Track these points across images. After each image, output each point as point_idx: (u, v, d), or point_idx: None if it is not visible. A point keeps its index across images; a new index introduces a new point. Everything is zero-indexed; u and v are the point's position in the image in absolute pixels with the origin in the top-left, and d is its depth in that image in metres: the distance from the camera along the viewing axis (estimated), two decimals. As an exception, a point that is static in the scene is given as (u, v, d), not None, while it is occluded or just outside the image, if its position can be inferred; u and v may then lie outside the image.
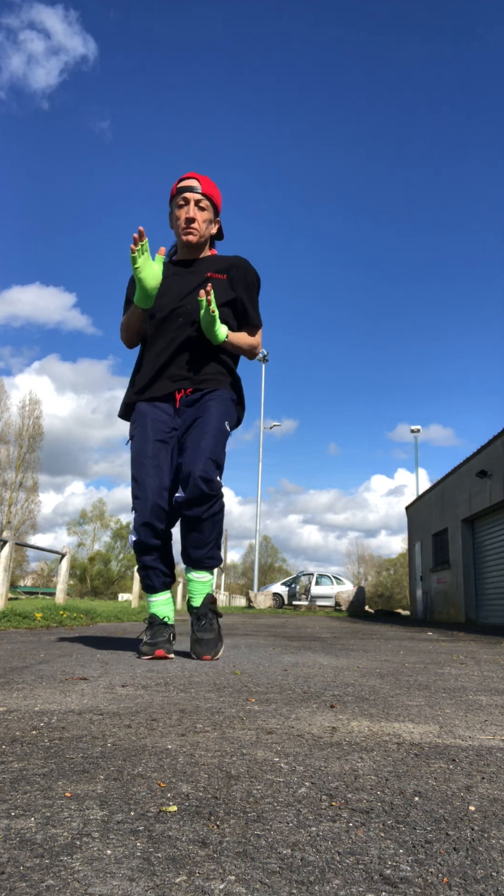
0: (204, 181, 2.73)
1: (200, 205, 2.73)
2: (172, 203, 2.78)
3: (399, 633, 6.77)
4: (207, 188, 2.73)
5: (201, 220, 2.73)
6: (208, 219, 2.77)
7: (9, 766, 0.96)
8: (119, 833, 0.71)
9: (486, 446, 14.08)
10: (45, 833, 0.71)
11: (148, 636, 2.60)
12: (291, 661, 2.72)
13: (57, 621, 5.42)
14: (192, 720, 1.32)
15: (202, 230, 2.74)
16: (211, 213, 2.77)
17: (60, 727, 1.22)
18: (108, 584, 69.35)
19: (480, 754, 1.13)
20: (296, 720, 1.36)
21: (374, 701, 1.67)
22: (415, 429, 29.43)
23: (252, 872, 0.63)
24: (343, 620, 12.38)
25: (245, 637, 4.69)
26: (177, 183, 2.76)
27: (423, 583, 19.37)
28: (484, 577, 14.69)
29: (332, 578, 25.18)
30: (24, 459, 45.73)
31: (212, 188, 2.76)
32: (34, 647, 2.97)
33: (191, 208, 2.71)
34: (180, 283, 2.73)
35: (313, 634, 5.61)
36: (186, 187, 2.72)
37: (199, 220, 2.72)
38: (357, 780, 0.95)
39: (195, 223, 2.71)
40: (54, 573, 59.35)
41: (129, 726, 1.24)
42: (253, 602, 23.37)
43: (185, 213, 2.70)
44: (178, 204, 2.73)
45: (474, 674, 2.49)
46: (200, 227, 2.73)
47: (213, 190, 2.76)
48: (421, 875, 0.64)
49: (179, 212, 2.73)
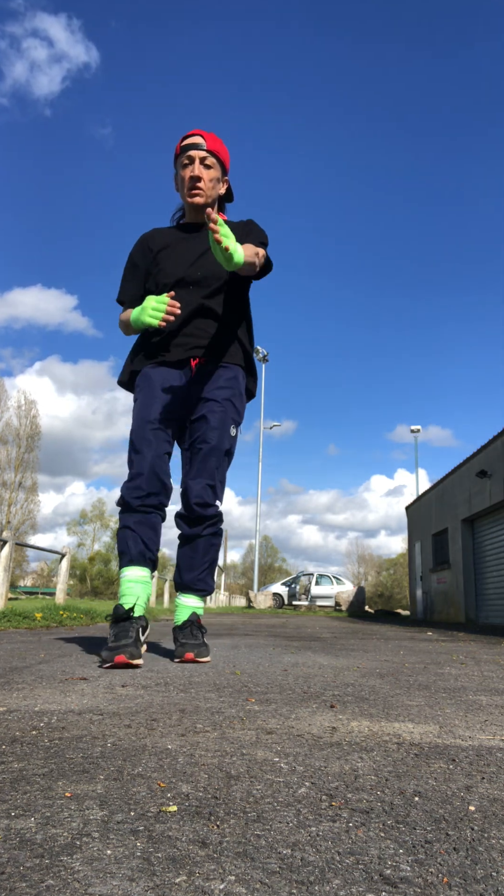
0: (209, 137, 2.54)
1: (206, 162, 2.53)
2: (177, 163, 2.59)
3: (399, 633, 6.77)
4: (213, 144, 2.54)
5: (207, 179, 2.54)
6: (215, 177, 2.58)
7: (9, 766, 0.96)
8: (119, 833, 0.71)
9: (486, 446, 14.07)
10: (45, 833, 0.71)
11: (110, 636, 2.24)
12: (291, 661, 2.72)
13: (57, 621, 5.42)
14: (192, 720, 1.32)
15: (208, 190, 2.56)
16: (218, 171, 2.58)
17: (60, 727, 1.22)
18: (108, 584, 69.32)
19: (480, 754, 1.13)
20: (296, 720, 1.36)
21: (374, 701, 1.67)
22: (415, 429, 29.44)
23: (252, 872, 0.63)
24: (343, 620, 12.38)
25: (245, 637, 4.69)
26: (180, 141, 2.57)
27: (423, 583, 19.36)
28: (484, 577, 14.69)
29: (332, 578, 25.18)
30: (22, 459, 45.76)
31: (218, 144, 2.57)
32: (34, 647, 2.97)
33: (196, 167, 2.51)
34: (188, 248, 2.59)
35: (313, 634, 5.61)
36: (191, 145, 2.52)
37: (206, 178, 2.53)
38: (357, 780, 0.95)
39: (201, 182, 2.52)
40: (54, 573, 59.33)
41: (129, 726, 1.24)
42: (253, 602, 23.37)
43: (190, 171, 2.52)
44: (183, 163, 2.54)
45: (474, 674, 2.49)
46: (206, 187, 2.54)
47: (219, 146, 2.57)
48: (421, 875, 0.64)
49: (184, 171, 2.54)
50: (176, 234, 2.65)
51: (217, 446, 2.50)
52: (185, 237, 2.63)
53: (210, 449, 2.49)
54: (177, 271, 2.54)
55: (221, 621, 8.83)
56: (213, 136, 2.59)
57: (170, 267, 2.57)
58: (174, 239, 2.63)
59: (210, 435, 2.50)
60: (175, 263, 2.56)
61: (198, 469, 2.49)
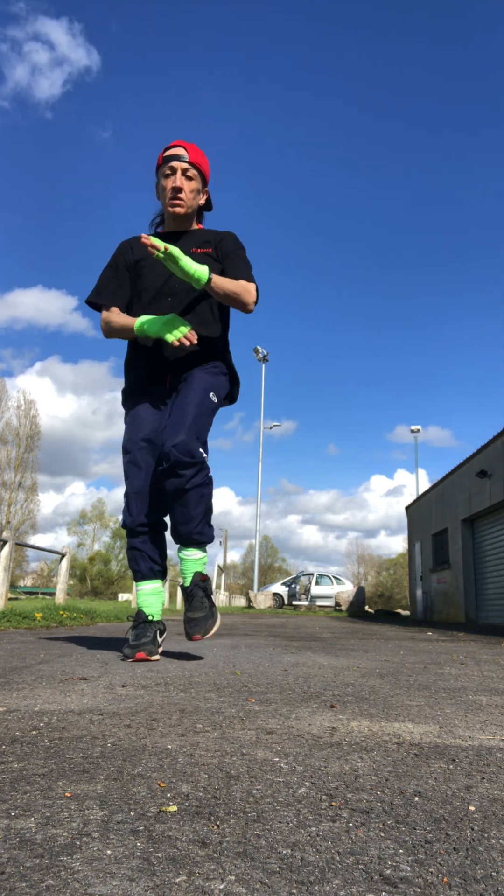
0: (191, 149, 2.64)
1: (188, 174, 2.63)
2: (159, 172, 2.68)
3: (399, 633, 6.77)
4: (195, 157, 2.63)
5: (188, 190, 2.63)
6: (196, 188, 2.67)
7: (9, 766, 0.96)
8: (119, 833, 0.71)
9: (486, 446, 14.07)
10: (45, 833, 0.71)
11: (131, 636, 2.50)
12: (291, 661, 2.72)
13: (57, 621, 5.42)
14: (192, 720, 1.32)
15: (189, 200, 2.65)
16: (199, 182, 2.68)
17: (60, 727, 1.22)
18: (108, 584, 69.35)
19: (480, 754, 1.13)
20: (296, 720, 1.36)
21: (374, 701, 1.67)
22: (415, 429, 29.44)
23: (252, 872, 0.63)
24: (343, 620, 12.38)
25: (245, 637, 4.69)
26: (163, 152, 2.66)
27: (423, 583, 19.37)
28: (484, 577, 14.69)
29: (332, 578, 25.17)
30: (22, 459, 45.77)
31: (199, 157, 2.66)
32: (34, 647, 2.97)
33: (178, 178, 2.61)
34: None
35: (313, 634, 5.61)
36: (173, 156, 2.61)
37: (187, 189, 2.63)
38: (357, 780, 0.95)
39: (182, 193, 2.62)
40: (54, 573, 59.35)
41: (129, 726, 1.24)
42: (253, 602, 23.37)
43: (172, 182, 2.61)
44: (165, 173, 2.64)
45: (474, 674, 2.49)
46: (187, 198, 2.64)
47: (200, 158, 2.66)
48: (421, 875, 0.64)
49: (166, 181, 2.63)
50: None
51: (193, 401, 2.52)
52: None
53: (186, 403, 2.51)
54: (157, 282, 2.64)
55: (221, 621, 8.83)
56: (195, 147, 2.68)
57: (150, 277, 2.66)
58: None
59: (187, 394, 2.54)
60: (156, 274, 2.64)
61: (175, 422, 2.49)
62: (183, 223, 2.72)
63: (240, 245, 2.73)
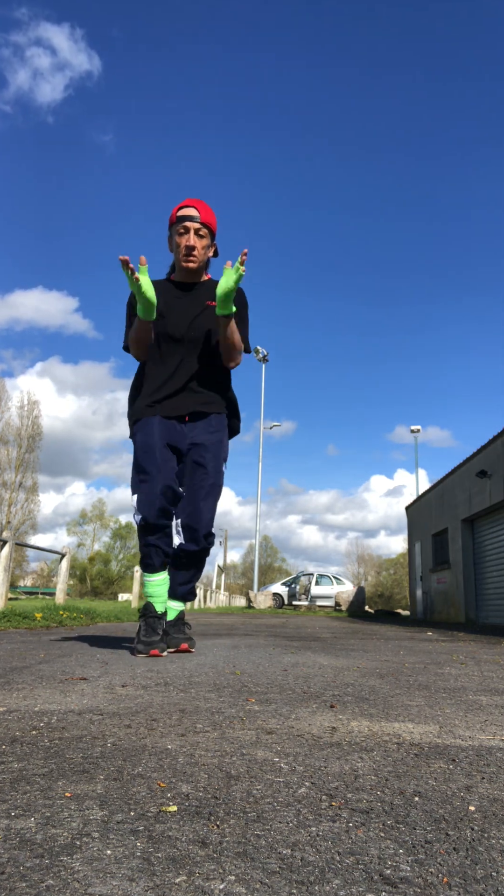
0: (203, 209, 2.89)
1: (199, 233, 2.89)
2: (172, 229, 2.94)
3: (399, 633, 6.77)
4: (206, 217, 2.90)
5: (200, 248, 2.91)
6: (206, 244, 2.95)
7: (9, 766, 0.96)
8: (119, 833, 0.71)
9: (486, 446, 14.07)
10: (45, 833, 0.71)
11: (143, 633, 2.76)
12: (291, 661, 2.72)
13: (57, 621, 5.41)
14: (192, 720, 1.32)
15: (201, 257, 2.93)
16: (209, 239, 2.96)
17: (60, 727, 1.22)
18: (108, 584, 69.33)
19: (480, 754, 1.13)
20: (296, 720, 1.36)
21: (374, 701, 1.67)
22: (415, 429, 29.43)
23: (252, 872, 0.63)
24: (343, 620, 12.38)
25: (245, 637, 4.69)
26: (176, 210, 2.91)
27: (423, 583, 19.36)
28: (484, 577, 14.68)
29: (332, 578, 25.16)
30: (23, 459, 45.76)
31: (210, 216, 2.92)
32: (34, 647, 2.97)
33: (191, 237, 2.87)
34: (185, 306, 2.93)
35: (313, 634, 5.61)
36: (186, 216, 2.87)
37: (199, 247, 2.90)
38: (357, 780, 0.95)
39: (195, 251, 2.89)
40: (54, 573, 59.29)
41: (129, 726, 1.24)
42: (253, 602, 23.36)
43: (186, 241, 2.87)
44: (179, 231, 2.89)
45: (474, 674, 2.49)
46: (199, 255, 2.92)
47: (210, 218, 2.93)
48: (421, 875, 0.64)
49: (180, 239, 2.89)
50: (172, 289, 2.99)
51: (215, 484, 2.92)
52: (180, 295, 2.97)
53: (210, 487, 2.90)
54: (176, 330, 2.89)
55: (221, 621, 8.83)
56: (205, 206, 2.95)
57: (169, 323, 2.90)
58: (171, 296, 2.96)
59: (208, 477, 2.90)
60: (175, 321, 2.90)
61: (203, 506, 2.88)
62: (194, 275, 3.00)
63: (244, 304, 3.00)
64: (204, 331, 2.91)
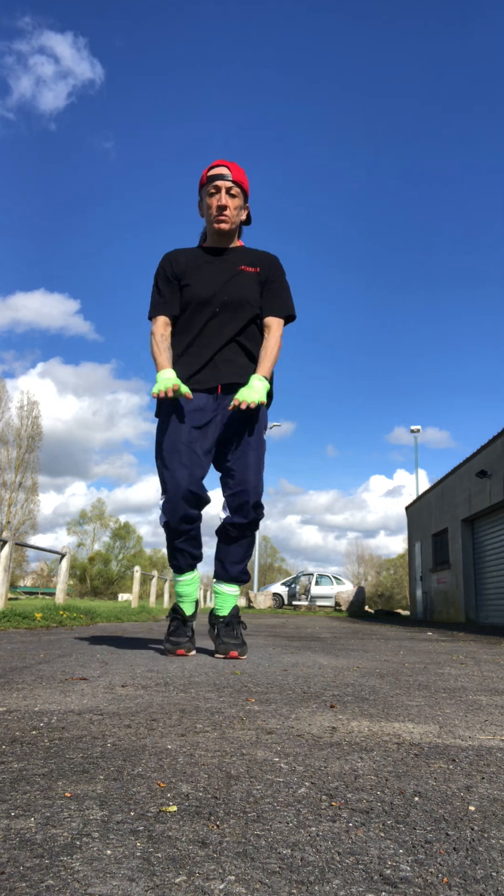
0: (234, 168, 2.77)
1: (231, 192, 2.76)
2: (203, 191, 2.81)
3: (399, 633, 6.77)
4: (237, 175, 2.77)
5: (232, 208, 2.77)
6: (239, 205, 2.81)
7: (9, 766, 0.96)
8: (119, 833, 0.71)
9: (486, 446, 14.07)
10: (45, 833, 0.71)
11: (172, 631, 2.78)
12: (291, 661, 2.72)
13: (57, 621, 5.41)
14: (192, 720, 1.32)
15: (233, 217, 2.78)
16: (241, 199, 2.81)
17: (60, 727, 1.22)
18: (107, 584, 69.33)
19: (480, 754, 1.13)
20: (296, 720, 1.36)
21: (374, 701, 1.67)
22: (415, 428, 29.42)
23: (252, 872, 0.63)
24: (343, 620, 12.38)
25: (245, 637, 4.69)
26: (207, 170, 2.79)
27: (423, 583, 19.36)
28: (484, 577, 14.68)
29: (332, 578, 25.15)
30: (23, 460, 45.74)
31: (241, 175, 2.79)
32: (34, 647, 2.97)
33: (222, 196, 2.74)
34: (215, 271, 2.77)
35: (313, 634, 5.61)
36: (217, 175, 2.75)
37: (231, 207, 2.76)
38: (357, 780, 0.94)
39: (227, 210, 2.75)
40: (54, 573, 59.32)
41: (129, 726, 1.24)
42: (253, 602, 23.36)
43: (217, 200, 2.75)
44: (210, 192, 2.77)
45: (474, 674, 2.49)
46: (232, 215, 2.77)
47: (242, 177, 2.80)
48: (421, 875, 0.64)
49: (211, 199, 2.77)
50: (202, 255, 2.83)
51: (259, 453, 2.73)
52: (210, 259, 2.81)
53: (256, 456, 2.70)
54: (204, 291, 2.72)
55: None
56: (237, 166, 2.80)
57: (197, 287, 2.74)
58: (202, 260, 2.80)
59: (250, 446, 2.70)
60: (203, 285, 2.73)
61: (249, 476, 2.67)
62: (226, 239, 2.84)
63: (283, 272, 2.87)
64: (237, 296, 2.72)
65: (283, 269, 2.88)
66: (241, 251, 2.86)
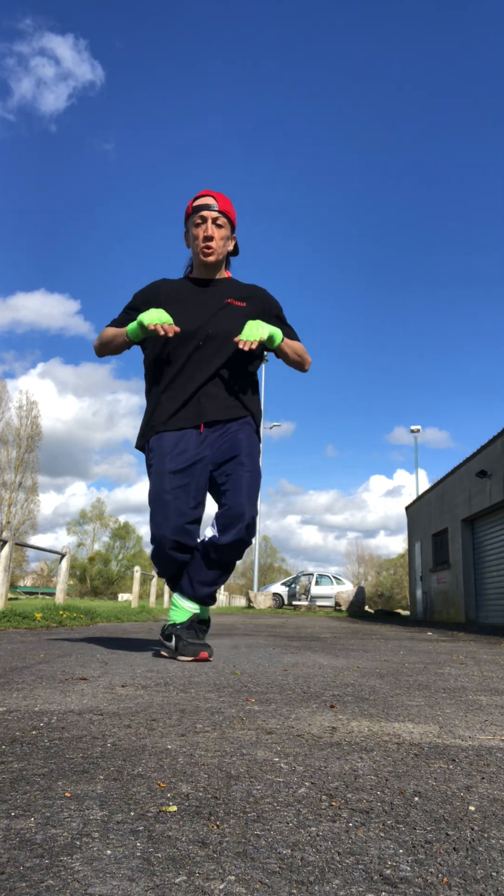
0: (220, 199, 2.72)
1: (217, 222, 2.70)
2: (188, 221, 2.75)
3: (399, 633, 6.77)
4: (224, 206, 2.71)
5: (218, 238, 2.70)
6: (225, 236, 2.74)
7: (9, 766, 0.96)
8: (119, 833, 0.71)
9: (486, 446, 14.07)
10: (45, 833, 0.71)
11: (187, 634, 2.56)
12: (291, 661, 2.72)
13: (57, 621, 5.41)
14: (192, 720, 1.32)
15: (220, 248, 2.72)
16: (228, 230, 2.75)
17: (60, 727, 1.22)
18: (107, 584, 69.34)
19: (480, 754, 1.13)
20: (296, 720, 1.36)
21: (374, 701, 1.67)
22: (415, 428, 29.42)
23: (252, 872, 0.63)
24: (343, 620, 12.38)
25: (245, 637, 4.69)
26: (192, 201, 2.73)
27: (423, 583, 19.36)
28: (484, 577, 14.68)
29: (332, 578, 25.15)
30: (22, 460, 45.74)
31: (227, 205, 2.73)
32: (34, 647, 2.97)
33: (208, 226, 2.68)
34: (201, 304, 2.70)
35: (313, 634, 5.61)
36: (203, 206, 2.69)
37: (217, 237, 2.70)
38: (357, 780, 0.94)
39: (213, 241, 2.69)
40: (54, 573, 59.30)
41: (129, 726, 1.24)
42: (253, 602, 23.35)
43: (203, 231, 2.68)
44: (196, 222, 2.70)
45: (474, 674, 2.49)
46: (218, 246, 2.71)
47: (228, 207, 2.74)
48: (421, 875, 0.64)
49: (197, 230, 2.70)
50: (188, 286, 2.76)
51: (254, 473, 2.61)
52: (196, 291, 2.74)
53: (250, 476, 2.58)
54: (189, 324, 2.63)
55: (221, 621, 8.83)
56: (223, 196, 2.74)
57: (182, 319, 2.64)
58: (187, 292, 2.73)
59: (244, 466, 2.59)
60: (188, 317, 2.64)
61: (244, 495, 2.54)
62: (213, 270, 2.78)
63: (275, 305, 2.82)
64: (222, 330, 2.64)
65: (278, 304, 2.82)
66: (229, 283, 2.80)
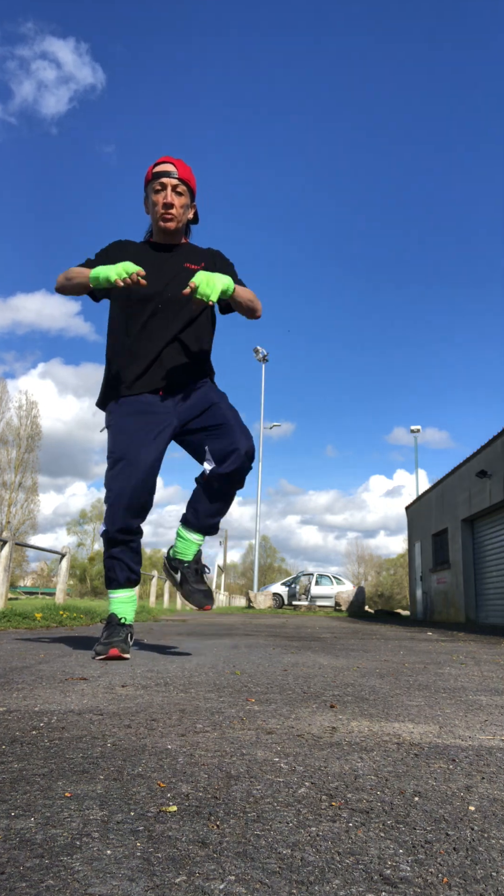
0: (180, 165, 2.69)
1: (178, 190, 2.69)
2: (148, 187, 2.73)
3: (399, 633, 6.77)
4: (184, 173, 2.69)
5: (179, 206, 2.70)
6: (185, 203, 2.74)
7: (9, 766, 0.96)
8: (119, 833, 0.71)
9: (486, 446, 14.07)
10: (45, 833, 0.71)
11: (104, 636, 2.56)
12: (291, 661, 2.72)
13: (57, 621, 5.41)
14: (192, 720, 1.32)
15: (179, 215, 2.72)
16: (188, 197, 2.74)
17: (60, 727, 1.22)
18: (107, 584, 69.24)
19: (480, 754, 1.13)
20: (296, 720, 1.36)
21: (374, 701, 1.67)
22: (415, 428, 29.43)
23: (252, 872, 0.63)
24: (343, 620, 12.38)
25: (245, 637, 4.69)
26: (152, 167, 2.71)
27: (423, 583, 19.36)
28: (484, 577, 14.68)
29: (332, 578, 25.15)
30: (22, 460, 45.73)
31: (188, 173, 2.72)
32: (34, 647, 2.97)
33: (168, 193, 2.67)
34: (160, 269, 2.68)
35: (313, 634, 5.61)
36: (163, 172, 2.67)
37: (177, 205, 2.69)
38: (357, 780, 0.94)
39: (173, 209, 2.68)
40: (54, 573, 59.29)
41: (129, 726, 1.24)
42: (253, 602, 23.35)
43: (163, 198, 2.67)
44: (155, 189, 2.69)
45: (474, 674, 2.49)
46: (178, 213, 2.71)
47: (189, 175, 2.72)
48: (421, 875, 0.64)
49: (157, 197, 2.69)
50: (148, 250, 2.76)
51: (235, 411, 2.71)
52: (157, 255, 2.75)
53: (234, 415, 2.68)
54: (147, 288, 2.61)
55: (221, 621, 8.83)
56: (183, 163, 2.73)
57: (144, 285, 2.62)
58: (148, 256, 2.73)
59: (221, 408, 2.68)
60: (148, 281, 2.59)
61: (235, 427, 2.63)
62: (172, 236, 2.78)
63: (230, 262, 2.83)
64: (179, 294, 2.62)
65: (229, 261, 2.81)
66: (187, 248, 2.81)
